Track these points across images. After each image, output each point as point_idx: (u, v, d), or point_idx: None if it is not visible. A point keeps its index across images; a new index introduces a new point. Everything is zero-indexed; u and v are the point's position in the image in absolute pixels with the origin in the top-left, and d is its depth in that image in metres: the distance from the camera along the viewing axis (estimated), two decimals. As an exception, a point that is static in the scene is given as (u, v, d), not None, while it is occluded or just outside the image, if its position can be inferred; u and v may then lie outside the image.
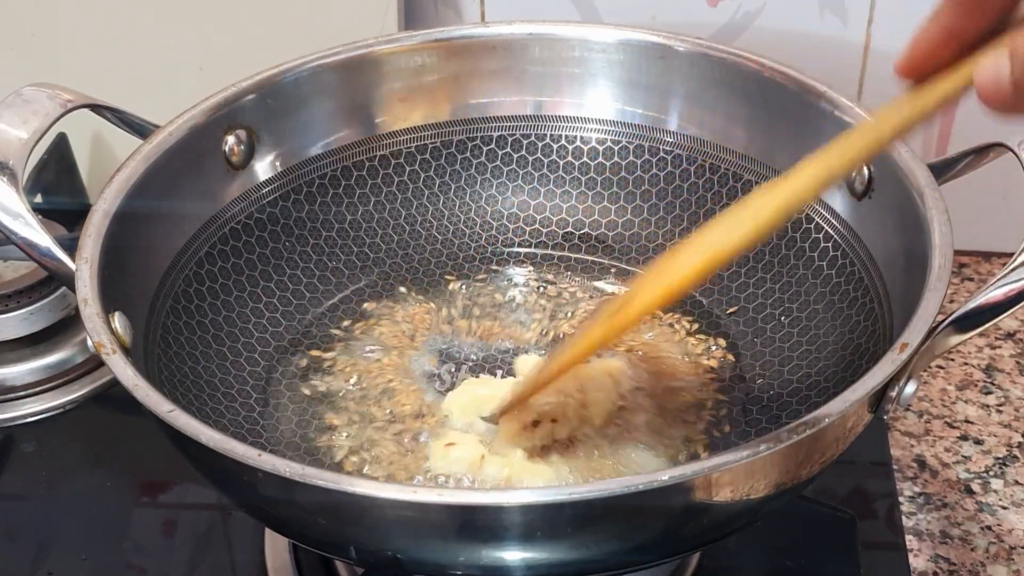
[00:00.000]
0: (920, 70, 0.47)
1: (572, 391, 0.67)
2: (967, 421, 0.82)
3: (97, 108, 0.71)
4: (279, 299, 0.77)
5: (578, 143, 0.82)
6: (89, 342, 0.59)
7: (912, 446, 0.80)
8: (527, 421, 0.66)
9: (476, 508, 0.53)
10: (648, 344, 0.74)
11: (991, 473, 0.78)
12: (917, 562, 0.72)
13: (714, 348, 0.74)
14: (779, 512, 0.61)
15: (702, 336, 0.75)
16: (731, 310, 0.76)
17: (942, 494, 0.77)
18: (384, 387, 0.72)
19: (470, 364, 0.73)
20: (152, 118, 0.73)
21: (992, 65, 0.43)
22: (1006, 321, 0.87)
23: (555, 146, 0.82)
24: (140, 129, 0.73)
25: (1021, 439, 0.81)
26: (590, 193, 0.82)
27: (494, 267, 0.81)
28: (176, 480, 0.77)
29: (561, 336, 0.75)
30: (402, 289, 0.79)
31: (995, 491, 0.77)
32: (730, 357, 0.73)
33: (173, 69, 0.92)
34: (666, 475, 0.51)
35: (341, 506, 0.53)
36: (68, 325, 0.85)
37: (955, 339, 0.58)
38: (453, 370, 0.73)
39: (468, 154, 0.82)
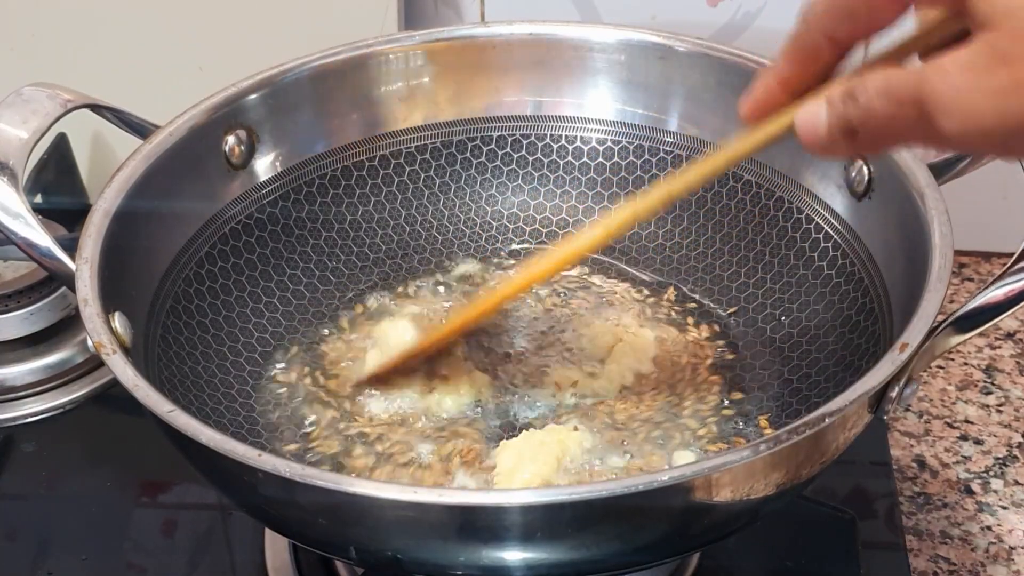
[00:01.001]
0: (759, 114, 0.54)
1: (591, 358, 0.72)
2: (967, 421, 0.82)
3: (97, 108, 0.71)
4: (279, 299, 0.77)
5: (578, 143, 0.82)
6: (89, 342, 0.59)
7: (912, 446, 0.80)
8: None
9: (476, 508, 0.53)
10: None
11: (991, 473, 0.78)
12: (917, 562, 0.72)
13: (715, 348, 0.74)
14: (779, 512, 0.61)
15: (704, 338, 0.75)
16: (731, 310, 0.76)
17: (942, 494, 0.77)
18: (384, 387, 0.72)
19: (471, 363, 0.73)
20: (152, 118, 0.73)
21: (811, 111, 0.50)
22: (1006, 321, 0.87)
23: (555, 146, 0.82)
24: (140, 129, 0.73)
25: (1021, 439, 0.81)
26: (590, 193, 0.82)
27: (494, 267, 0.81)
28: (176, 480, 0.77)
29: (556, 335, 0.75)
30: (402, 289, 0.79)
31: (995, 491, 0.77)
32: (729, 357, 0.73)
33: (173, 69, 0.92)
34: (666, 475, 0.51)
35: (341, 506, 0.53)
36: (68, 325, 0.85)
37: (955, 339, 0.58)
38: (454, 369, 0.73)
39: (468, 154, 0.82)
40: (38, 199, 0.96)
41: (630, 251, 0.81)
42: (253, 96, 0.75)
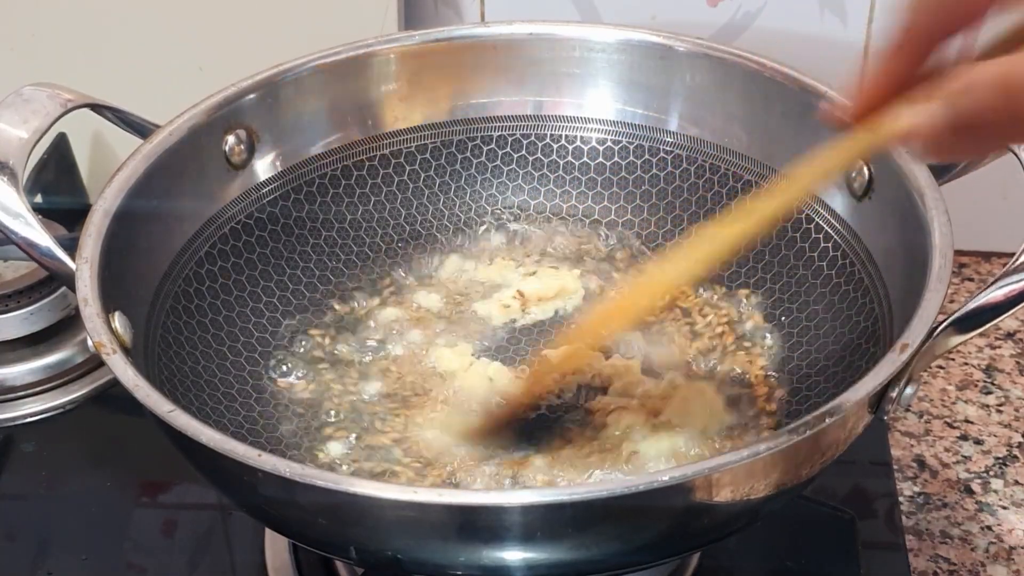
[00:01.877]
0: (867, 109, 0.52)
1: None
2: (967, 421, 0.82)
3: (97, 108, 0.71)
4: (279, 299, 0.77)
5: (578, 143, 0.82)
6: (89, 342, 0.59)
7: (912, 446, 0.80)
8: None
9: (476, 508, 0.53)
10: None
11: (991, 473, 0.78)
12: (917, 562, 0.72)
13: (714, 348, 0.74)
14: (779, 512, 0.61)
15: (703, 338, 0.75)
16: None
17: (942, 494, 0.77)
18: (384, 387, 0.72)
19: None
20: (152, 118, 0.73)
21: (923, 110, 0.47)
22: (1006, 321, 0.87)
23: (555, 146, 0.82)
24: (140, 129, 0.73)
25: (1021, 439, 0.81)
26: (590, 193, 0.82)
27: (495, 267, 0.81)
28: (176, 480, 0.77)
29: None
30: (403, 289, 0.79)
31: (995, 491, 0.77)
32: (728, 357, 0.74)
33: (173, 69, 0.92)
34: (666, 475, 0.51)
35: (341, 506, 0.53)
36: (68, 325, 0.85)
37: (955, 340, 0.58)
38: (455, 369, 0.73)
39: (468, 154, 0.82)
40: (38, 199, 0.96)
41: (630, 250, 0.81)
42: (253, 96, 0.75)
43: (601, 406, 0.69)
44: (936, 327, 0.57)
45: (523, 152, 0.82)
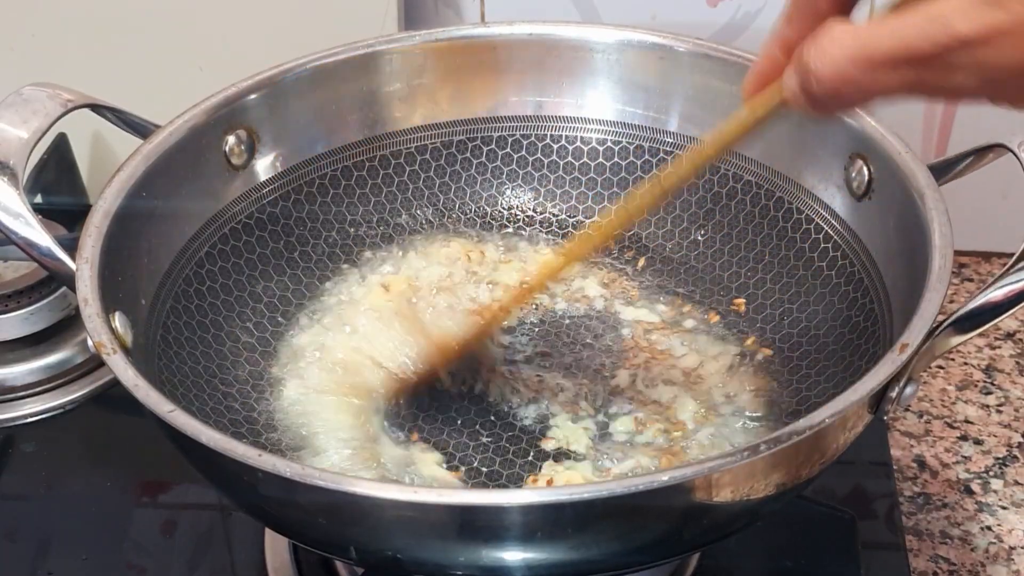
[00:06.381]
0: (761, 84, 0.53)
1: None
2: (967, 421, 0.82)
3: (97, 108, 0.71)
4: (279, 299, 0.77)
5: (578, 143, 0.82)
6: (89, 342, 0.59)
7: (912, 446, 0.80)
8: None
9: (476, 508, 0.53)
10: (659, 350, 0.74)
11: (991, 473, 0.78)
12: (917, 562, 0.72)
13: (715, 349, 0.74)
14: (779, 512, 0.61)
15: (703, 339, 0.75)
16: (731, 310, 0.76)
17: (942, 494, 0.77)
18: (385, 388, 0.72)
19: (471, 365, 0.73)
20: (152, 118, 0.73)
21: (788, 77, 0.48)
22: (1006, 321, 0.87)
23: (555, 146, 0.82)
24: (140, 129, 0.73)
25: (1021, 439, 0.81)
26: (590, 193, 0.82)
27: (495, 267, 0.81)
28: (176, 480, 0.77)
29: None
30: (404, 290, 0.79)
31: (995, 491, 0.77)
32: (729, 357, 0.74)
33: (173, 69, 0.92)
34: (666, 475, 0.51)
35: (341, 506, 0.53)
36: (68, 325, 0.85)
37: (955, 340, 0.58)
38: (454, 371, 0.73)
39: (468, 154, 0.82)
40: (38, 199, 0.96)
41: (630, 250, 0.81)
42: (253, 96, 0.75)
43: None
44: (936, 327, 0.57)
45: (523, 152, 0.82)
